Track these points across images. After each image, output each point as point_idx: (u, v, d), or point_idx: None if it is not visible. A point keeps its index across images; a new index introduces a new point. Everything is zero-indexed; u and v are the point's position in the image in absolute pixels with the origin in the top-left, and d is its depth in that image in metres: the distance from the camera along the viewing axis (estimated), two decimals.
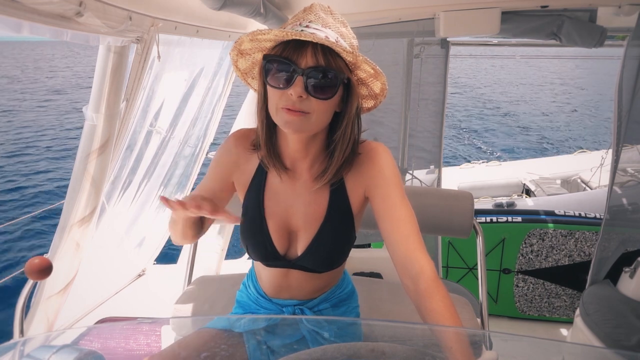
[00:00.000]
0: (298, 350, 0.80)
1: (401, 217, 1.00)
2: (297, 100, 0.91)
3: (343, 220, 1.08)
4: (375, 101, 1.06)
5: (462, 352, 0.79)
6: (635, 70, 1.96)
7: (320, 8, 0.96)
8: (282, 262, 1.11)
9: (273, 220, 1.09)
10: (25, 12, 0.99)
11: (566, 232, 2.72)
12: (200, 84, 2.50)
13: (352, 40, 0.98)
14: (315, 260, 1.09)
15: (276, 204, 1.09)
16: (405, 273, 0.95)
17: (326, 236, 1.07)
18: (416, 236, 0.98)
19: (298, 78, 0.91)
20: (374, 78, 0.99)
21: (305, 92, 0.91)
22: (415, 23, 2.46)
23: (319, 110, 0.94)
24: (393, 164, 1.05)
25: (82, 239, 1.78)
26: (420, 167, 3.62)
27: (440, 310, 0.88)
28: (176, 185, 2.78)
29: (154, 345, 1.11)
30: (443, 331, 0.85)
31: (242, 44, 0.99)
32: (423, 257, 0.95)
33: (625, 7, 2.09)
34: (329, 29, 0.93)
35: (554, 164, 5.67)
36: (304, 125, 0.95)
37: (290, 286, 1.15)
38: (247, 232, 1.11)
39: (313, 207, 1.07)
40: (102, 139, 1.62)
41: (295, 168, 1.07)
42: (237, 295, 1.29)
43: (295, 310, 1.16)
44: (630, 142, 2.06)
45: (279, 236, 1.09)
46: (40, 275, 1.15)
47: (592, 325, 1.90)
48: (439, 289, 0.90)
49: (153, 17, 1.52)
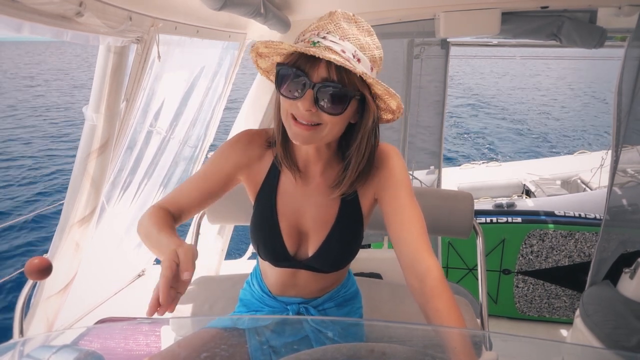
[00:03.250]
0: (300, 349, 0.80)
1: (410, 218, 1.00)
2: (306, 113, 0.90)
3: (353, 223, 1.08)
4: (392, 115, 1.02)
5: (465, 353, 0.79)
6: (635, 71, 1.96)
7: (343, 17, 0.93)
8: (291, 263, 1.11)
9: (285, 221, 1.09)
10: (26, 12, 0.99)
11: (566, 232, 2.72)
12: (201, 84, 2.49)
13: (375, 51, 0.94)
14: (324, 261, 1.10)
15: (288, 204, 1.09)
16: (412, 273, 0.95)
17: (336, 239, 1.08)
18: (424, 237, 0.98)
19: (308, 91, 0.89)
20: (388, 96, 0.96)
21: (314, 106, 0.90)
22: (415, 24, 2.46)
23: (330, 123, 0.93)
24: (403, 165, 1.06)
25: (81, 239, 1.78)
26: (420, 167, 3.63)
27: (444, 310, 0.87)
28: (176, 185, 2.77)
29: (154, 346, 1.11)
30: (447, 332, 0.85)
31: (259, 48, 0.98)
32: (430, 258, 0.95)
33: (625, 7, 2.09)
34: (347, 42, 0.90)
35: (553, 164, 5.67)
36: (313, 138, 0.94)
37: (297, 285, 1.16)
38: (259, 232, 1.10)
39: (324, 210, 1.08)
40: (102, 139, 1.62)
41: (308, 171, 1.08)
42: (241, 294, 1.29)
43: (300, 308, 1.17)
44: (630, 143, 2.05)
45: (290, 237, 1.09)
46: (40, 275, 1.15)
47: (592, 326, 1.90)
48: (444, 290, 0.90)
49: (153, 17, 1.52)
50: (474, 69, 36.36)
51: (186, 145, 2.66)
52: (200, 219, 1.85)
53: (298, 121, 0.93)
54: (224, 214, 1.78)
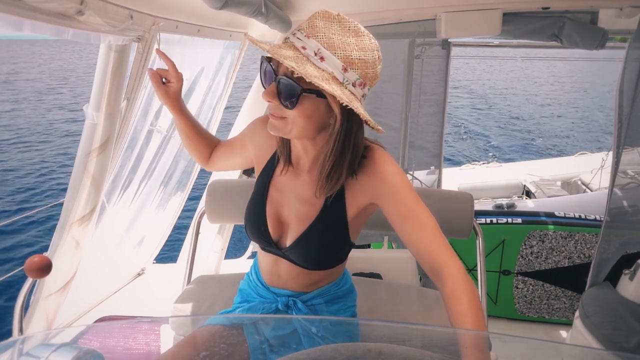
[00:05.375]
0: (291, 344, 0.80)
1: (419, 221, 0.99)
2: (270, 104, 0.96)
3: (335, 224, 1.08)
4: (372, 122, 0.96)
5: (476, 356, 0.79)
6: (636, 72, 1.96)
7: (323, 15, 0.93)
8: (273, 249, 1.15)
9: (271, 207, 1.14)
10: (26, 10, 0.99)
11: (566, 233, 2.72)
12: (201, 83, 2.49)
13: (355, 52, 0.91)
14: (302, 256, 1.10)
15: (277, 192, 1.14)
16: (435, 277, 0.96)
17: (314, 236, 1.08)
18: (438, 238, 0.98)
19: (272, 84, 0.94)
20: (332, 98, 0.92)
21: (276, 98, 0.94)
22: (416, 24, 2.46)
23: (291, 117, 0.96)
24: (396, 168, 1.04)
25: (81, 238, 1.78)
26: (420, 167, 3.63)
27: (463, 312, 0.89)
28: (176, 184, 2.78)
29: (153, 344, 1.11)
30: (458, 332, 0.86)
31: (250, 41, 1.02)
32: (449, 260, 0.95)
33: (626, 9, 2.09)
34: (314, 39, 0.91)
35: (554, 165, 5.67)
36: (280, 130, 0.99)
37: (281, 276, 1.18)
38: (248, 210, 1.17)
39: (307, 206, 1.09)
40: (102, 138, 1.62)
41: (299, 165, 1.12)
42: (240, 285, 1.33)
43: (289, 301, 1.18)
44: (631, 144, 2.05)
45: (273, 223, 1.13)
46: (40, 273, 1.16)
47: (592, 327, 1.90)
48: (464, 292, 0.91)
49: (154, 16, 1.52)
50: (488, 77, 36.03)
51: None
52: (200, 218, 1.85)
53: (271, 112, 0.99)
54: (224, 214, 1.78)
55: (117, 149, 1.81)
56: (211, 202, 1.74)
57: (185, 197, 2.89)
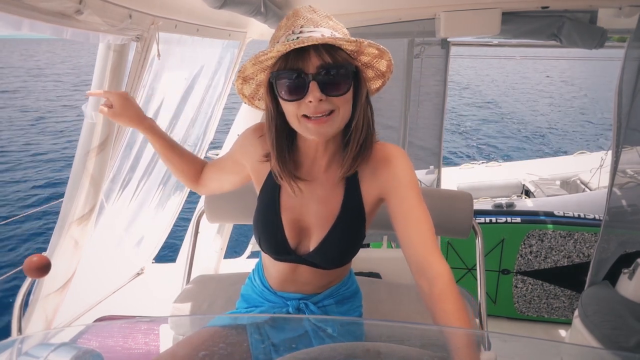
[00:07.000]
0: (299, 346, 0.80)
1: (418, 220, 1.00)
2: (317, 104, 0.92)
3: (355, 219, 1.08)
4: (382, 79, 1.06)
5: (468, 355, 0.79)
6: (635, 71, 1.96)
7: (306, 10, 0.97)
8: (292, 257, 1.12)
9: (287, 215, 1.10)
10: (25, 9, 0.99)
11: (565, 233, 2.72)
12: (200, 82, 2.49)
13: (344, 29, 0.99)
14: (325, 257, 1.10)
15: (291, 198, 1.10)
16: (422, 275, 0.95)
17: (338, 235, 1.08)
18: (432, 238, 0.99)
19: (311, 84, 0.91)
20: (379, 58, 1.00)
21: (322, 94, 0.92)
22: (415, 23, 2.46)
23: (342, 104, 0.95)
24: (410, 166, 1.06)
25: (80, 237, 1.78)
26: (419, 167, 3.63)
27: (452, 312, 0.89)
28: (175, 184, 2.77)
29: (152, 344, 1.11)
30: (450, 331, 0.86)
31: (246, 70, 0.99)
32: (440, 262, 0.95)
33: (625, 8, 2.09)
34: (321, 27, 0.94)
35: (553, 165, 5.67)
36: (332, 127, 0.97)
37: (297, 280, 1.16)
38: (260, 225, 1.12)
39: (327, 205, 1.08)
40: (101, 137, 1.62)
41: (312, 171, 1.09)
42: (242, 290, 1.31)
43: (300, 304, 1.17)
44: (630, 144, 2.05)
45: (292, 231, 1.10)
46: (39, 273, 1.16)
47: (591, 327, 1.90)
48: (452, 292, 0.91)
49: (153, 16, 1.52)
50: None
51: (185, 144, 2.66)
52: (200, 217, 1.85)
53: (312, 118, 0.94)
54: (223, 213, 1.78)
55: (116, 149, 1.81)
56: (210, 201, 1.74)
57: (185, 196, 2.89)
